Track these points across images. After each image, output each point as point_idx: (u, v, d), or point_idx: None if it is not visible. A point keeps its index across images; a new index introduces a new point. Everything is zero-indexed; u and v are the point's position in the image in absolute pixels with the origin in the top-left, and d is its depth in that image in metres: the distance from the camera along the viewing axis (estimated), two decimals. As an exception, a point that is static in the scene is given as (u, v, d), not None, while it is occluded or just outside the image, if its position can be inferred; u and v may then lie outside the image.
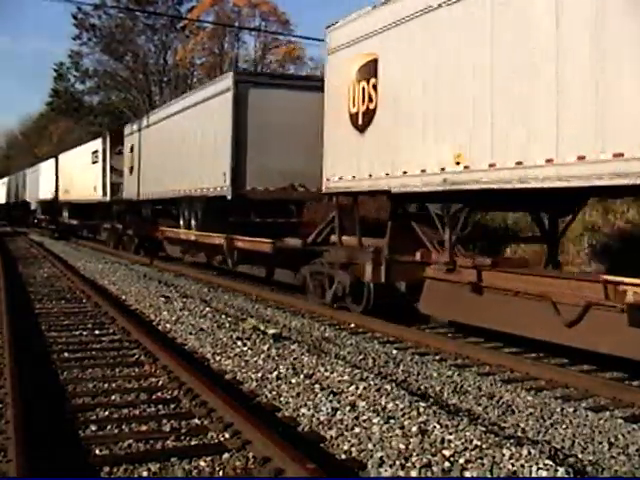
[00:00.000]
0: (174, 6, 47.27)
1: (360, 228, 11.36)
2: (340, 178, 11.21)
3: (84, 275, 15.82)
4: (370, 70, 10.21)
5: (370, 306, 10.82)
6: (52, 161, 39.39)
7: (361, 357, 7.94)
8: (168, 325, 9.62)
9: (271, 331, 8.82)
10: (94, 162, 28.76)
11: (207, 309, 10.88)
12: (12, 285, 13.55)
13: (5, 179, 61.65)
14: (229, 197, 14.80)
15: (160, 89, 47.91)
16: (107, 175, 26.61)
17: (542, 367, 7.64)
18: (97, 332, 9.14)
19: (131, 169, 23.94)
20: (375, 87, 10.10)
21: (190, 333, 8.93)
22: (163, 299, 11.96)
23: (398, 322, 10.06)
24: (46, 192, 39.98)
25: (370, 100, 10.21)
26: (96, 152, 28.54)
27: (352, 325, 10.24)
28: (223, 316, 10.20)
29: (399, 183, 9.65)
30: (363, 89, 10.33)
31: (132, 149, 24.04)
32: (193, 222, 17.87)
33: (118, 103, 50.20)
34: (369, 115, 10.26)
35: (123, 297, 12.42)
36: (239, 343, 8.21)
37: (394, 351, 8.32)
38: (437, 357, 8.24)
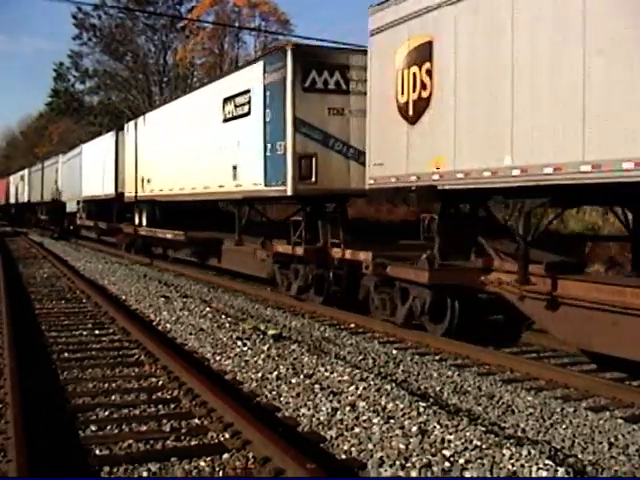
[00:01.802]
0: (174, 6, 47.34)
1: None
2: None
3: (84, 275, 15.82)
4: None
5: None
6: (108, 137, 25.92)
7: (361, 357, 7.94)
8: (168, 325, 9.61)
9: (271, 331, 8.81)
10: (232, 118, 14.15)
11: (207, 309, 10.88)
12: (12, 285, 13.55)
13: (24, 172, 48.42)
14: None
15: (160, 89, 47.93)
16: (287, 138, 11.85)
17: (542, 367, 7.63)
18: (97, 332, 9.15)
19: (418, 110, 9.14)
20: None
21: (190, 333, 8.93)
22: (163, 299, 11.96)
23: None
24: (97, 186, 26.48)
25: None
26: (239, 97, 13.81)
27: (352, 325, 10.23)
28: (223, 316, 10.20)
29: None
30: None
31: (427, 55, 8.89)
32: None
33: (118, 103, 50.20)
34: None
35: (123, 297, 12.42)
36: (239, 343, 8.21)
37: (394, 351, 8.32)
38: (437, 357, 8.24)
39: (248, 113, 13.39)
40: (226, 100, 14.43)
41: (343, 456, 4.75)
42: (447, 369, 7.49)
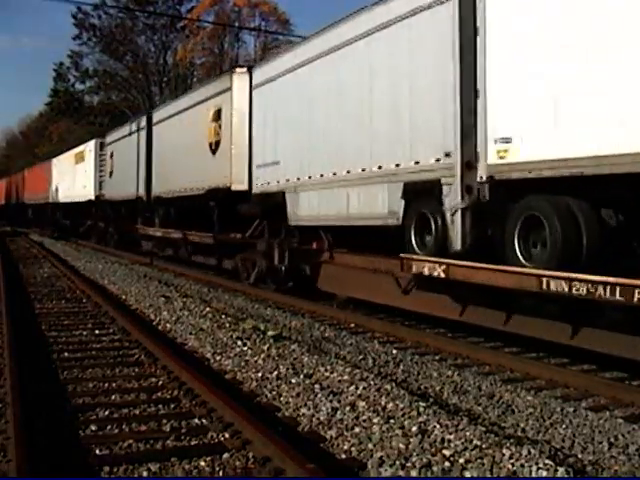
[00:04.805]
0: (174, 6, 47.34)
1: None
2: None
3: (84, 275, 15.82)
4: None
5: None
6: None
7: (361, 357, 7.94)
8: (168, 325, 9.61)
9: (271, 331, 8.81)
10: None
11: (207, 309, 10.87)
12: (13, 285, 13.55)
13: (84, 147, 29.52)
14: None
15: (160, 89, 47.99)
16: None
17: (542, 367, 7.63)
18: (97, 332, 9.15)
19: None
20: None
21: (190, 333, 8.93)
22: (163, 299, 11.96)
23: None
24: None
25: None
26: None
27: (352, 325, 10.23)
28: (223, 316, 10.20)
29: None
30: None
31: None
32: None
33: (118, 103, 50.25)
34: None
35: (123, 297, 12.42)
36: (239, 343, 8.21)
37: (394, 351, 8.31)
38: (437, 357, 8.23)
39: None
40: None
41: (343, 456, 4.75)
42: (447, 369, 7.49)
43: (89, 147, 28.60)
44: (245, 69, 14.68)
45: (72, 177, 30.97)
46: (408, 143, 9.08)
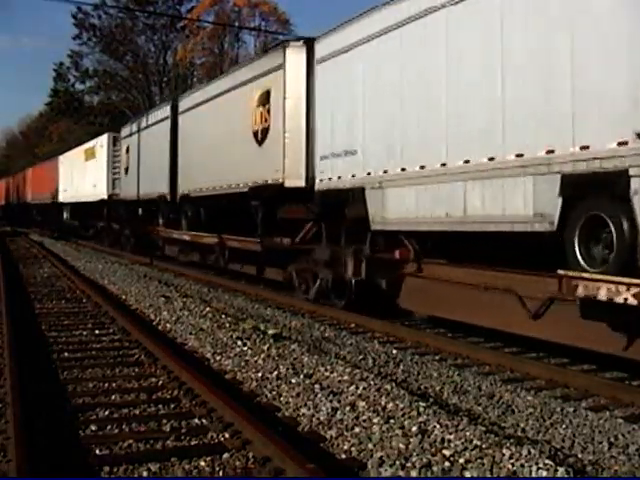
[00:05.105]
0: (174, 6, 47.37)
1: None
2: None
3: (84, 275, 15.83)
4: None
5: None
6: None
7: (361, 357, 7.94)
8: (168, 325, 9.61)
9: (271, 331, 8.81)
10: None
11: (207, 309, 10.88)
12: (13, 285, 13.55)
13: (102, 139, 26.80)
14: None
15: (160, 89, 48.02)
16: None
17: (542, 367, 7.63)
18: (97, 332, 9.15)
19: None
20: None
21: (190, 333, 8.93)
22: (163, 299, 11.96)
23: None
24: None
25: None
26: None
27: (352, 325, 10.23)
28: (223, 316, 10.20)
29: None
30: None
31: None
32: None
33: (118, 103, 50.26)
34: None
35: (123, 297, 12.42)
36: (239, 343, 8.21)
37: (394, 351, 8.31)
38: (437, 357, 8.23)
39: None
40: None
41: (343, 456, 4.75)
42: (447, 369, 7.49)
43: (101, 142, 26.15)
44: (301, 42, 12.16)
45: (82, 175, 28.60)
46: (569, 120, 6.69)
